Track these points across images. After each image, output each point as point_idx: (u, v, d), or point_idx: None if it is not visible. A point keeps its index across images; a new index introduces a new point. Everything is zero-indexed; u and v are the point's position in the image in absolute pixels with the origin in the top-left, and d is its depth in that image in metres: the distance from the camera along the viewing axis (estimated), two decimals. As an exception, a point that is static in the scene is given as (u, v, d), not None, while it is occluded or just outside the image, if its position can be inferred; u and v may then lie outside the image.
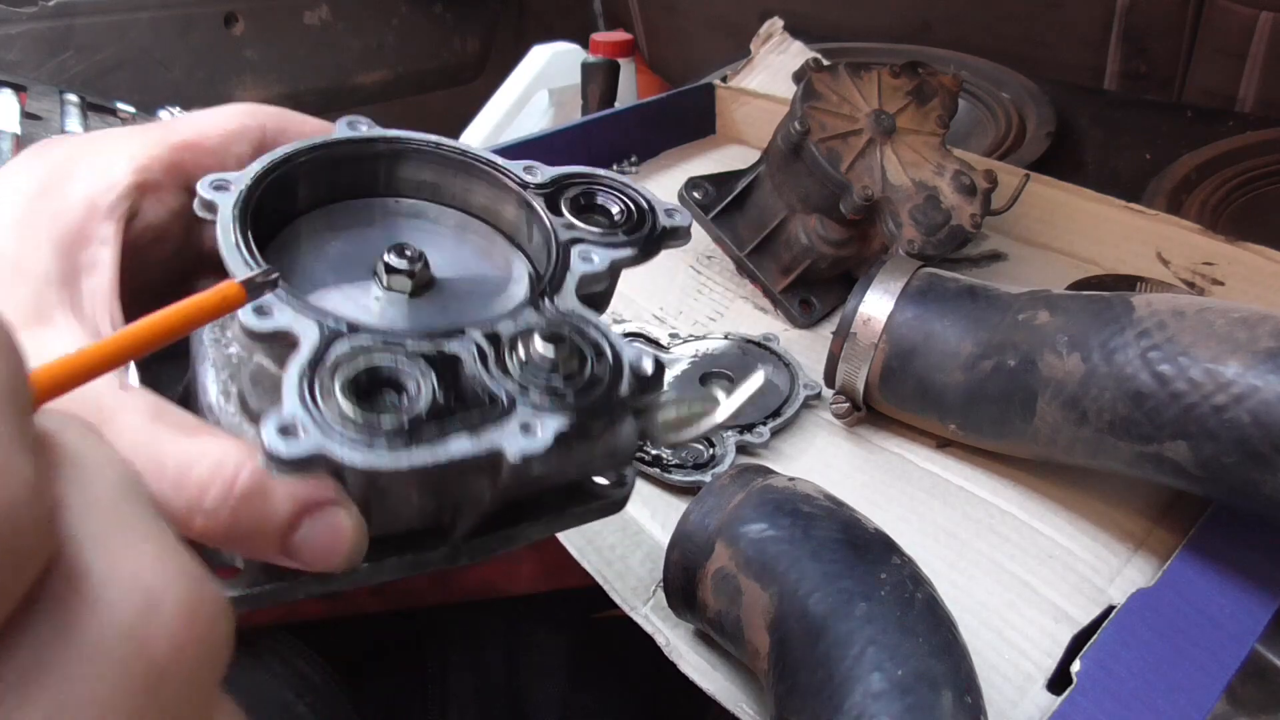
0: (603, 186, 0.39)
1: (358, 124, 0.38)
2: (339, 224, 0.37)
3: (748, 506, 0.49)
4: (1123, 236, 0.85)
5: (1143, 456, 0.52)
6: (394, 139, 0.38)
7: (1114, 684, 0.46)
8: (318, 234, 0.37)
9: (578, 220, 0.37)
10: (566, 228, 0.37)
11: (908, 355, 0.62)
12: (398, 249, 0.34)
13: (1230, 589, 0.52)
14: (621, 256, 0.36)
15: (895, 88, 0.82)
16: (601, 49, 1.42)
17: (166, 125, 0.36)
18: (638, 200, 0.39)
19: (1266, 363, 0.47)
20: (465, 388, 0.30)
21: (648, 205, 0.39)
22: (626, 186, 0.39)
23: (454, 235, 0.39)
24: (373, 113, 0.40)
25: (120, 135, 0.35)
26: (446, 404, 0.29)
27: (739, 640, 0.47)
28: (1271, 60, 1.10)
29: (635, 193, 0.39)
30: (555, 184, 0.38)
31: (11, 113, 1.15)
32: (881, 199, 0.75)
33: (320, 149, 0.36)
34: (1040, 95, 1.23)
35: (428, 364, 0.29)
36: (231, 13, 1.53)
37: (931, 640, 0.41)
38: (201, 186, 0.33)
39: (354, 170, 0.38)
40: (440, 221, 0.39)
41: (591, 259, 0.36)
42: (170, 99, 1.46)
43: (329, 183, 0.37)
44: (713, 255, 0.91)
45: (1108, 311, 0.54)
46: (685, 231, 0.39)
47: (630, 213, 0.38)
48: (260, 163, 0.34)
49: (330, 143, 0.37)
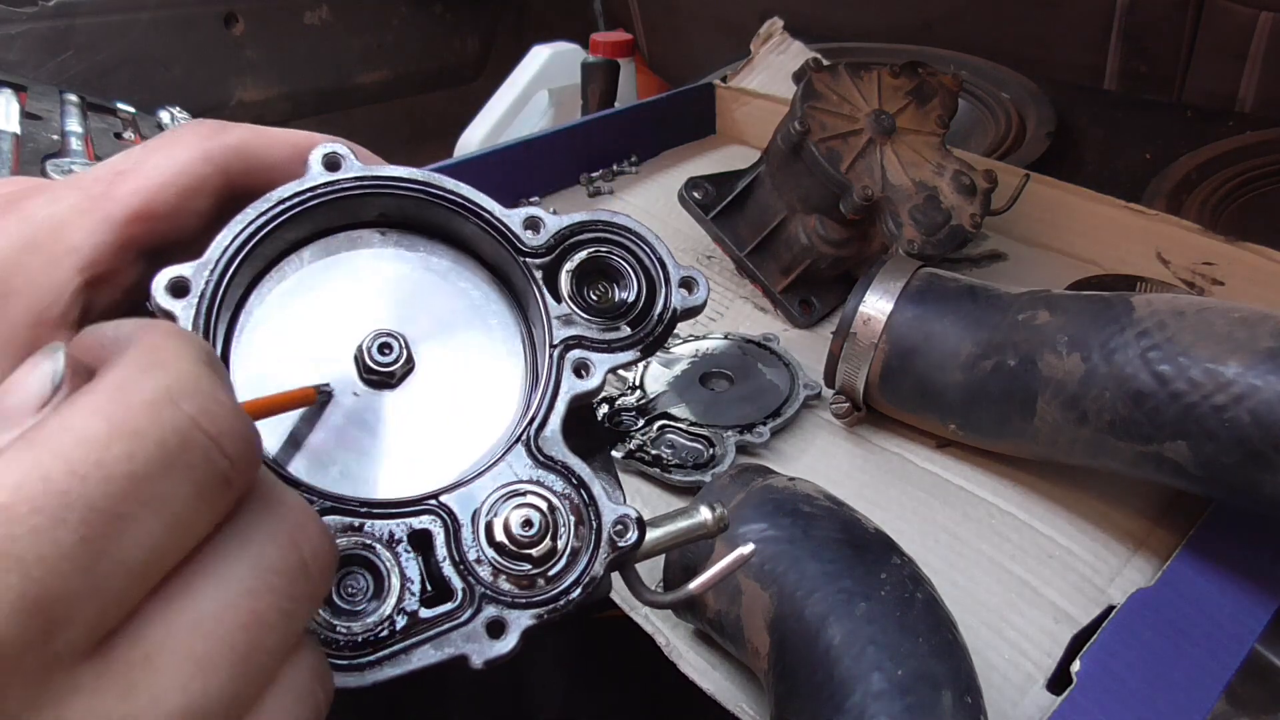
0: (613, 245, 0.35)
1: (337, 157, 0.33)
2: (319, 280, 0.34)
3: (748, 506, 0.49)
4: (1123, 236, 0.85)
5: (1143, 456, 0.52)
6: (375, 182, 0.33)
7: (1114, 684, 0.46)
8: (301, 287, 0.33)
9: (577, 309, 0.34)
10: (563, 321, 0.33)
11: (908, 355, 0.62)
12: (381, 345, 0.32)
13: (1230, 589, 0.52)
14: (620, 361, 0.34)
15: (895, 88, 0.82)
16: (601, 49, 1.42)
17: (109, 190, 0.31)
18: (650, 272, 0.35)
19: (1266, 363, 0.47)
20: (434, 570, 0.29)
21: (661, 275, 0.35)
22: (641, 245, 0.35)
23: (446, 286, 0.35)
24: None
25: (62, 217, 0.31)
26: (417, 603, 0.28)
27: (739, 640, 0.47)
28: (1271, 60, 1.10)
29: (649, 255, 0.35)
30: (559, 241, 0.35)
31: (11, 113, 1.15)
32: (881, 199, 0.75)
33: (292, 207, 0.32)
34: (1040, 95, 1.23)
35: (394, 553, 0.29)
36: (231, 13, 1.53)
37: (931, 640, 0.41)
38: (157, 291, 0.30)
39: (337, 212, 0.34)
40: (430, 265, 0.35)
41: (588, 369, 0.33)
42: (170, 99, 1.46)
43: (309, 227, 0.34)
44: (713, 255, 0.91)
45: (1108, 311, 0.54)
46: (700, 309, 0.35)
47: (640, 290, 0.35)
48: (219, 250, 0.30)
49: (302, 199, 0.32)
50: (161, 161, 0.32)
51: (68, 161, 1.09)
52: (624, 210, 0.98)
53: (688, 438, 0.66)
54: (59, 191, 0.31)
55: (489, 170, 0.97)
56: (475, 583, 0.29)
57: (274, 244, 0.33)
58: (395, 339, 0.32)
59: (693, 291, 0.35)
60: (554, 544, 0.30)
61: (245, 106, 1.59)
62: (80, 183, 0.32)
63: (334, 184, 0.33)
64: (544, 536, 0.30)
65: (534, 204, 0.99)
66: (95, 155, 1.15)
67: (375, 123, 1.71)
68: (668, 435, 0.66)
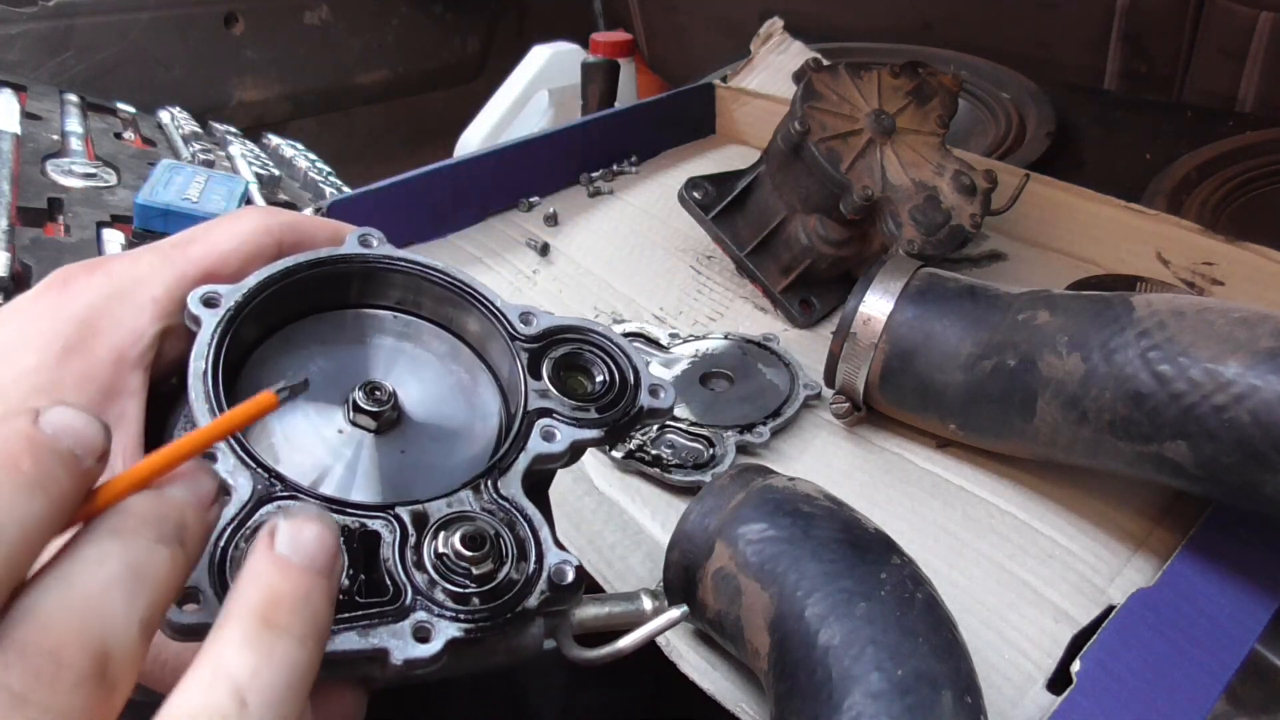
0: (594, 348, 0.39)
1: (369, 238, 0.38)
2: (329, 336, 0.38)
3: (748, 506, 0.49)
4: (1123, 236, 0.85)
5: (1143, 456, 0.52)
6: (397, 263, 0.38)
7: (1114, 684, 0.46)
8: (306, 345, 0.37)
9: (553, 388, 0.37)
10: (540, 394, 0.37)
11: (908, 355, 0.62)
12: (369, 388, 0.35)
13: (1230, 589, 0.52)
14: (585, 438, 0.36)
15: (895, 88, 0.82)
16: (601, 49, 1.42)
17: (184, 250, 0.36)
18: (624, 374, 0.39)
19: (1266, 363, 0.47)
20: (377, 570, 0.30)
21: (633, 379, 0.38)
22: (619, 354, 0.39)
23: (439, 365, 0.39)
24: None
25: (143, 274, 0.35)
26: (350, 590, 0.29)
27: (739, 640, 0.47)
28: (1271, 60, 1.10)
29: (625, 362, 0.39)
30: (546, 337, 0.38)
31: (11, 113, 1.15)
32: (881, 199, 0.75)
33: (319, 266, 0.36)
34: (1040, 95, 1.23)
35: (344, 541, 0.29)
36: (231, 13, 1.53)
37: (931, 640, 0.41)
38: (192, 301, 0.33)
39: (351, 284, 0.38)
40: (429, 346, 0.39)
41: (553, 437, 0.36)
42: (170, 99, 1.46)
43: (323, 294, 0.38)
44: (713, 255, 0.91)
45: (1108, 311, 0.54)
46: (666, 413, 0.39)
47: (612, 385, 0.38)
48: (256, 278, 0.35)
49: (326, 260, 0.37)
50: (228, 230, 0.37)
51: (68, 161, 1.09)
52: (624, 210, 0.98)
53: (688, 438, 0.66)
54: (140, 253, 0.36)
55: (489, 170, 0.97)
56: (412, 586, 0.30)
57: (297, 303, 0.37)
58: (384, 388, 0.35)
59: (658, 397, 0.39)
60: (494, 567, 0.31)
61: (245, 106, 1.59)
62: (157, 247, 0.37)
63: (364, 256, 0.38)
64: (486, 558, 0.31)
65: (534, 204, 0.99)
66: (95, 155, 1.15)
67: (375, 123, 1.72)
68: (668, 435, 0.66)
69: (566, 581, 0.32)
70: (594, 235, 0.94)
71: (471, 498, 0.33)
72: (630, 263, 0.91)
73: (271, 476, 0.30)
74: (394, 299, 0.39)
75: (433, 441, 0.36)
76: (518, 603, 0.31)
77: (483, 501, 0.33)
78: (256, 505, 0.29)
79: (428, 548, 0.31)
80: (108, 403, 0.33)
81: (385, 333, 0.39)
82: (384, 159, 1.56)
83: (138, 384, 0.34)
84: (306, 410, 0.35)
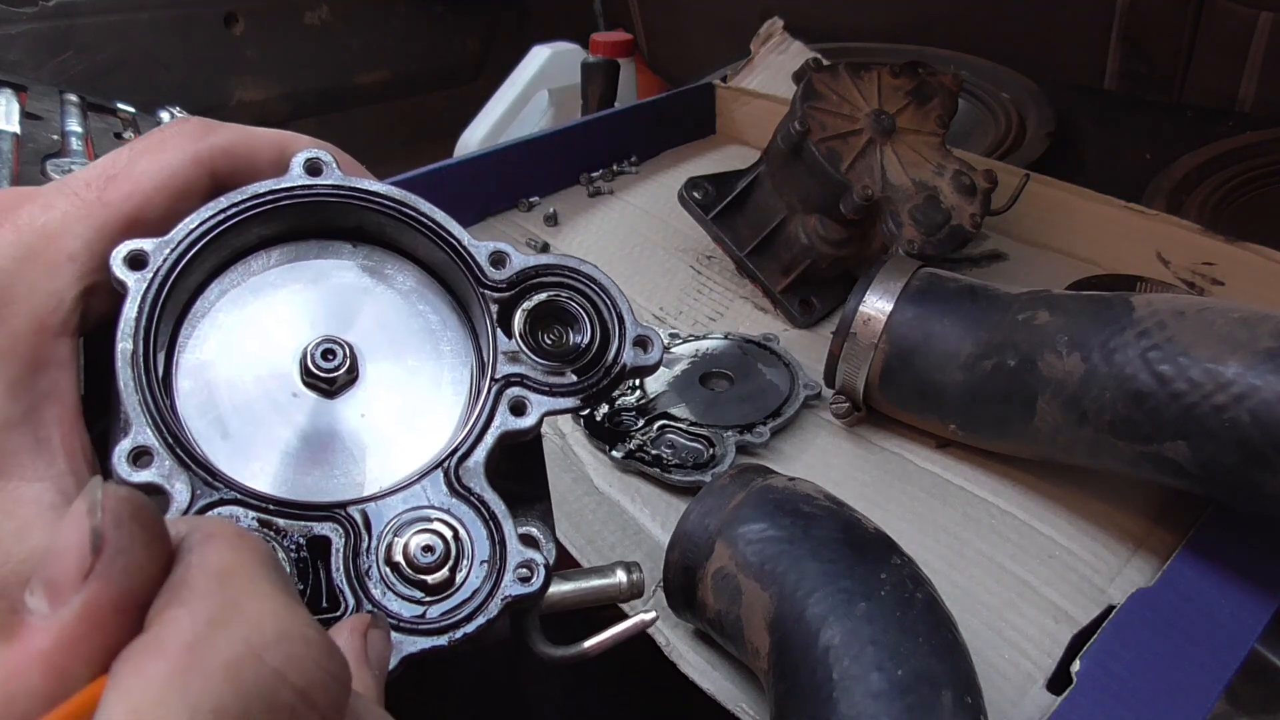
0: (574, 294, 0.34)
1: (318, 162, 0.33)
2: (279, 278, 0.34)
3: (748, 506, 0.49)
4: (1123, 236, 0.85)
5: (1143, 456, 0.52)
6: (350, 196, 0.33)
7: (1114, 684, 0.46)
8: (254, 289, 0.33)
9: (525, 348, 0.33)
10: (509, 358, 0.33)
11: (908, 355, 0.62)
12: (324, 351, 0.31)
13: (1230, 589, 0.52)
14: (560, 407, 0.33)
15: (895, 88, 0.82)
16: (601, 49, 1.42)
17: (101, 196, 0.31)
18: (605, 325, 0.34)
19: (1266, 363, 0.47)
20: (326, 580, 0.28)
21: (618, 329, 0.34)
22: (602, 294, 0.34)
23: (404, 305, 0.35)
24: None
25: (55, 227, 0.30)
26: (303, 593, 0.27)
27: (739, 640, 0.47)
28: (1271, 60, 1.10)
29: (609, 311, 0.34)
30: (521, 280, 0.34)
31: (11, 113, 1.15)
32: (881, 199, 0.75)
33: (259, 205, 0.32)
34: (1040, 95, 1.23)
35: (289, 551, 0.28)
36: (231, 13, 1.53)
37: (931, 640, 0.41)
38: (115, 262, 0.29)
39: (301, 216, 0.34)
40: (394, 283, 0.35)
41: (524, 409, 0.32)
42: (170, 99, 1.46)
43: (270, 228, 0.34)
44: (713, 255, 0.91)
45: (1108, 311, 0.54)
46: (652, 369, 0.35)
47: (593, 337, 0.34)
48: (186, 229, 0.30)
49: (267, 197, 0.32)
50: (151, 165, 0.32)
51: (68, 161, 1.09)
52: (624, 210, 0.98)
53: (688, 438, 0.66)
54: (50, 199, 0.31)
55: (489, 170, 0.97)
56: (365, 598, 0.28)
57: (242, 237, 0.32)
58: (341, 347, 0.32)
59: (647, 350, 0.34)
60: (452, 575, 0.29)
61: (245, 106, 1.59)
62: (71, 187, 0.31)
63: (309, 189, 0.32)
64: (442, 566, 0.29)
65: (534, 204, 0.99)
66: (95, 155, 1.15)
67: (375, 123, 1.71)
68: (668, 435, 0.66)
69: (531, 587, 0.30)
70: (594, 235, 0.94)
71: (429, 491, 0.30)
72: (630, 263, 0.91)
73: (214, 479, 0.28)
74: (352, 227, 0.34)
75: (396, 399, 0.33)
76: (478, 613, 0.29)
77: (442, 494, 0.30)
78: (199, 513, 0.27)
79: (380, 557, 0.29)
80: (33, 377, 0.29)
81: (345, 268, 0.34)
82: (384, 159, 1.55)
83: (66, 353, 0.30)
84: (257, 369, 0.32)
